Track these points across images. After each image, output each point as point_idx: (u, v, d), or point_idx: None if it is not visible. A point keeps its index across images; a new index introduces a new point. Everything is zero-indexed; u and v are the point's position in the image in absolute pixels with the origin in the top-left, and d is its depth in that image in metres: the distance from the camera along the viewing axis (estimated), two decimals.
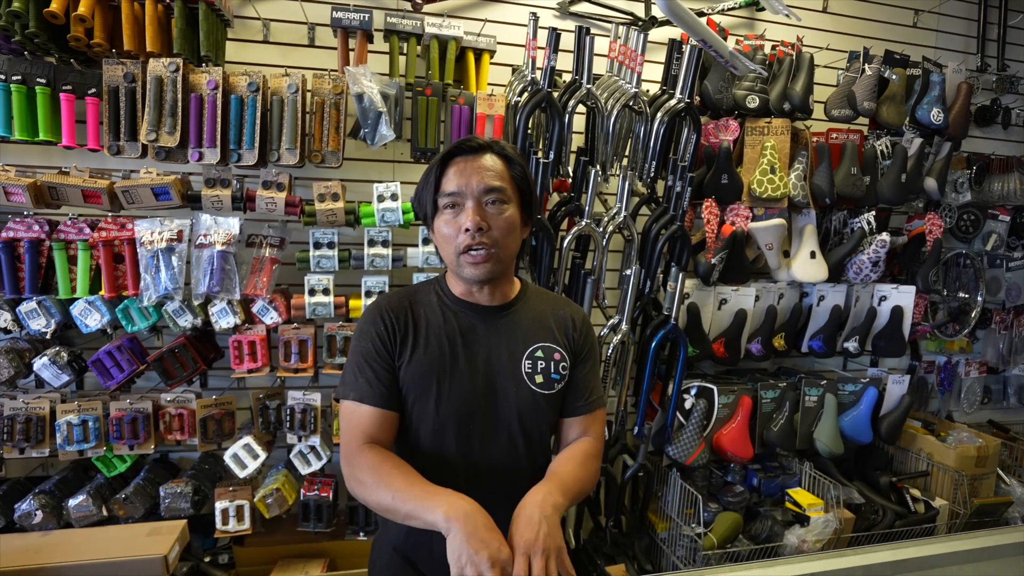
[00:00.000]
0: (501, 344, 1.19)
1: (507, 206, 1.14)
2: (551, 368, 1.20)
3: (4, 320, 1.79)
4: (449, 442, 1.16)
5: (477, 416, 1.16)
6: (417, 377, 1.15)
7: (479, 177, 1.11)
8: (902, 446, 2.73)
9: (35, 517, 1.83)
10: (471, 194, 1.11)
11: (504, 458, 1.18)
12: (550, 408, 1.21)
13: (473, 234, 1.09)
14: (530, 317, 1.23)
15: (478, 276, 1.13)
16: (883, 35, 2.71)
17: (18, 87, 1.73)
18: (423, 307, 1.20)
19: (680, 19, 1.05)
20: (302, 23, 2.11)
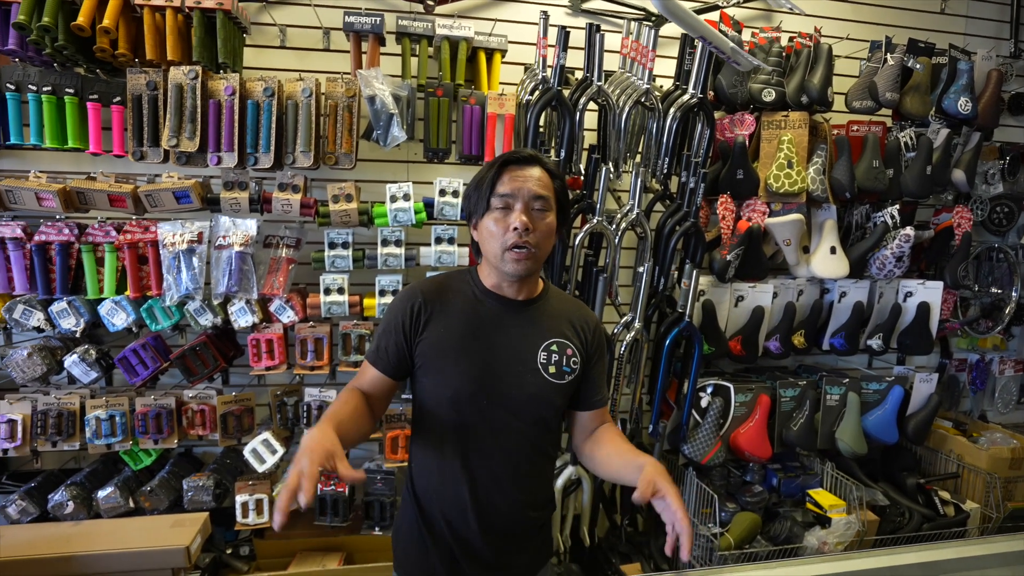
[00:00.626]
0: (522, 334, 1.31)
1: (549, 214, 1.27)
2: (563, 361, 1.32)
3: (37, 319, 1.87)
4: (463, 414, 1.28)
5: (491, 394, 1.27)
6: (434, 350, 1.28)
7: (530, 184, 1.24)
8: (931, 447, 2.65)
9: (67, 507, 1.91)
10: (522, 198, 1.24)
11: (510, 436, 1.30)
12: (558, 396, 1.32)
13: (521, 233, 1.22)
14: (550, 314, 1.35)
15: (518, 271, 1.25)
16: (908, 23, 2.63)
17: (48, 97, 1.82)
18: (455, 293, 1.34)
19: (677, 17, 1.04)
20: (317, 28, 2.16)
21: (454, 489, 1.30)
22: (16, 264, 1.85)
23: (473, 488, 1.29)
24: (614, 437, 1.37)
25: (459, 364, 1.28)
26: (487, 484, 1.30)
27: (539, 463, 1.38)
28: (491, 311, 1.32)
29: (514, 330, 1.31)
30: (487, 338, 1.29)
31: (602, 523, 2.44)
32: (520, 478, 1.33)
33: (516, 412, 1.30)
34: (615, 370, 2.15)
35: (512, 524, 1.34)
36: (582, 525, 2.33)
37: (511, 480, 1.32)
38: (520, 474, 1.33)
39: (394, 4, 2.20)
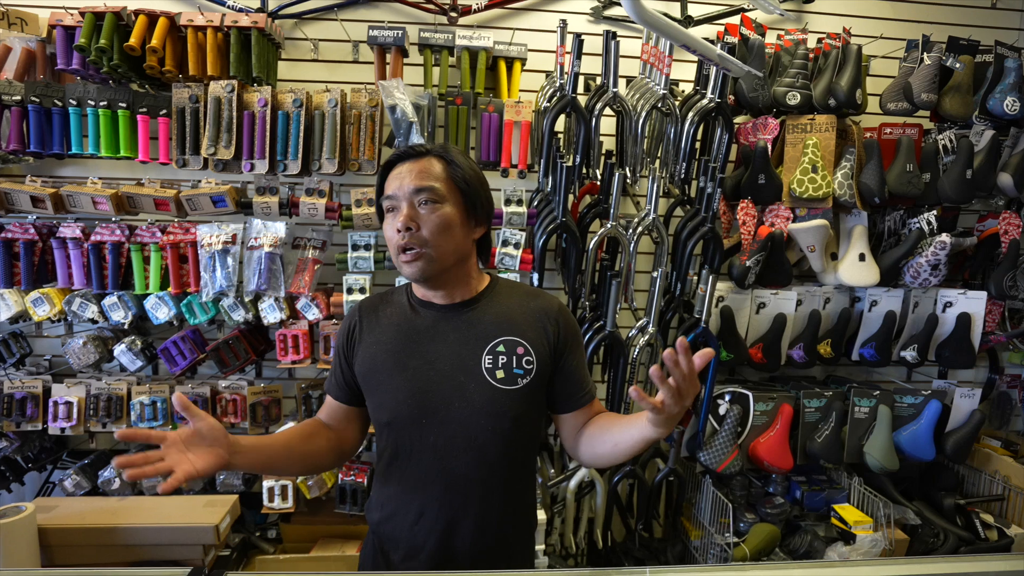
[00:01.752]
0: (459, 341, 1.19)
1: (440, 205, 1.15)
2: (513, 363, 1.17)
3: (92, 312, 2.07)
4: (405, 437, 1.18)
5: (431, 413, 1.16)
6: (370, 370, 1.20)
7: (410, 179, 1.14)
8: (974, 466, 2.51)
9: (114, 483, 2.10)
10: (403, 196, 1.14)
11: (461, 459, 1.17)
12: (516, 403, 1.17)
13: (404, 234, 1.12)
14: (494, 312, 1.22)
15: (412, 275, 1.16)
16: (950, 19, 2.51)
17: (104, 111, 2.01)
18: (391, 307, 1.26)
19: (654, 26, 1.06)
20: (346, 41, 2.28)
21: (408, 527, 1.19)
22: (75, 261, 2.05)
23: (428, 524, 1.18)
24: (607, 414, 1.25)
25: (392, 383, 1.18)
26: (443, 519, 1.17)
27: (503, 486, 1.21)
28: (425, 321, 1.21)
29: (452, 336, 1.19)
30: (422, 351, 1.18)
31: (619, 528, 2.45)
32: (482, 509, 1.18)
33: (464, 430, 1.16)
34: (628, 374, 2.16)
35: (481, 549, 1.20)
36: (595, 528, 2.34)
37: (471, 511, 1.18)
38: (480, 504, 1.18)
39: (419, 16, 2.29)
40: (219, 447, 1.04)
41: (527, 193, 2.20)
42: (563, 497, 2.27)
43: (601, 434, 1.20)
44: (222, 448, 1.04)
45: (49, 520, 1.85)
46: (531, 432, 1.26)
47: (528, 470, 1.29)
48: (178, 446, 1.01)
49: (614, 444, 1.16)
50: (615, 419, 1.20)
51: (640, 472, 2.29)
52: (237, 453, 1.07)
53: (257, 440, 1.13)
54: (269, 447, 1.15)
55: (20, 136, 1.99)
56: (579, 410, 1.26)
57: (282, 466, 1.18)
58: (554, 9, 2.38)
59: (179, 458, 1.00)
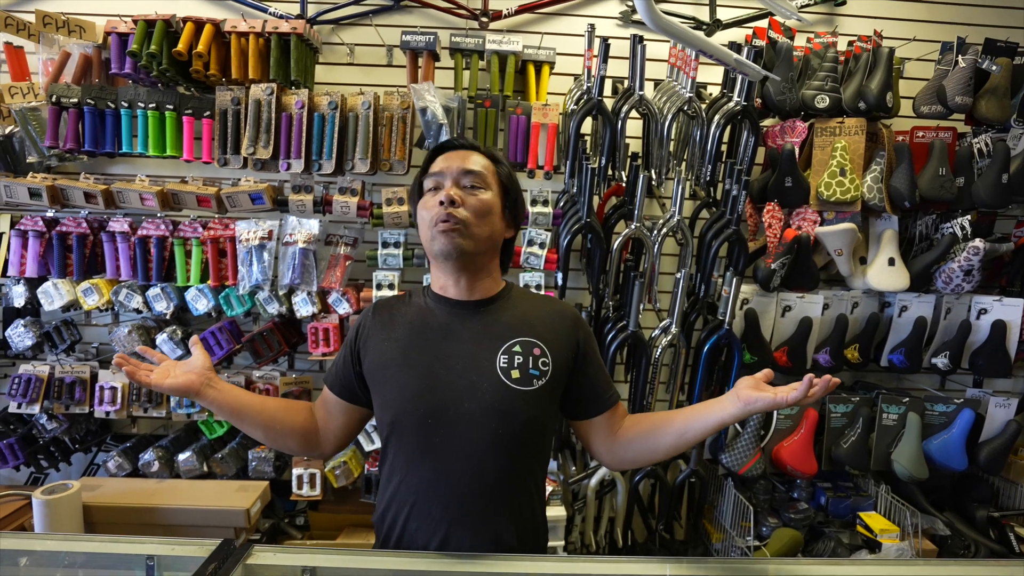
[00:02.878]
0: (474, 339, 1.16)
1: (484, 191, 1.17)
2: (529, 363, 1.15)
3: (137, 302, 2.18)
4: (409, 437, 1.15)
5: (441, 412, 1.12)
6: (377, 369, 1.19)
7: (460, 161, 1.18)
8: (1010, 478, 2.43)
9: (153, 466, 2.20)
10: (450, 174, 1.16)
11: (472, 459, 1.13)
12: (529, 405, 1.14)
13: (446, 205, 1.12)
14: (511, 313, 1.21)
15: (445, 246, 1.12)
16: (989, 21, 2.46)
17: (153, 113, 2.12)
18: (407, 306, 1.24)
19: (669, 32, 1.09)
20: (380, 45, 2.36)
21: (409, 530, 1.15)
22: (123, 254, 2.16)
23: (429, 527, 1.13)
24: (649, 414, 1.25)
25: (399, 379, 1.15)
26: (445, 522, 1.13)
27: (509, 491, 1.16)
28: (439, 318, 1.19)
29: (467, 335, 1.16)
30: (433, 348, 1.15)
31: (640, 527, 2.46)
32: (485, 515, 1.14)
33: (472, 431, 1.12)
34: (650, 374, 2.18)
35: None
36: (616, 527, 2.36)
37: (474, 516, 1.13)
38: (483, 509, 1.13)
39: (450, 21, 2.36)
40: (194, 374, 1.18)
41: (553, 194, 2.23)
42: (584, 495, 2.29)
43: (659, 428, 1.19)
44: (196, 376, 1.18)
45: (93, 498, 1.95)
46: (540, 438, 1.22)
47: (536, 477, 1.23)
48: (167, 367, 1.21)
49: (680, 434, 1.16)
50: (672, 413, 1.21)
51: (662, 472, 2.29)
52: (211, 386, 1.19)
53: (235, 388, 1.24)
54: (242, 396, 1.23)
55: (76, 136, 2.12)
56: (608, 411, 1.25)
57: (249, 421, 1.22)
58: (583, 14, 2.42)
59: (160, 372, 1.19)
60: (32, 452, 2.30)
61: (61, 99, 2.10)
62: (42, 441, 2.30)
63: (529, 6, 2.36)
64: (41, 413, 2.23)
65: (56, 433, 2.27)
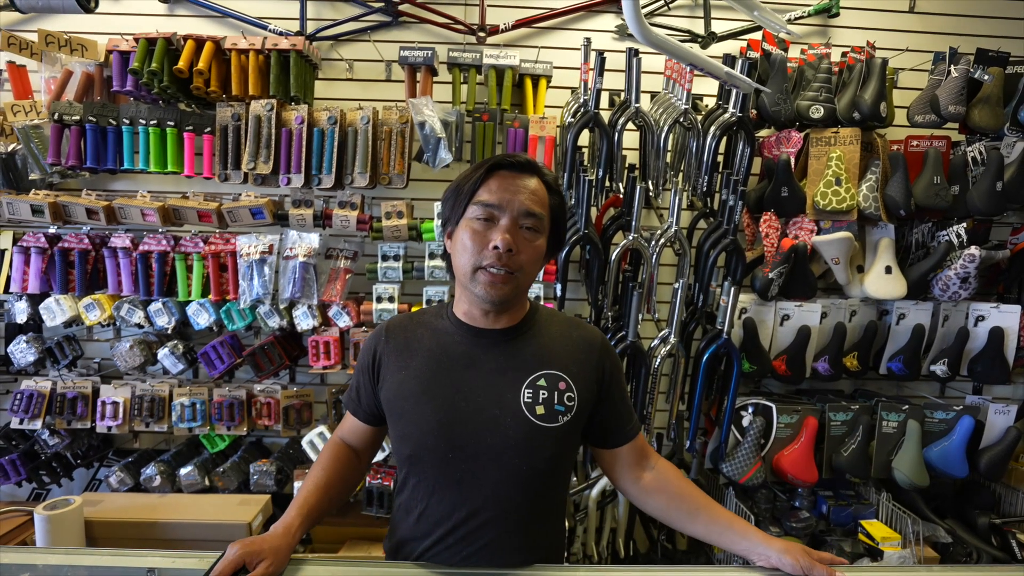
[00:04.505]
0: (497, 371, 1.10)
1: (539, 236, 1.09)
2: (554, 399, 1.09)
3: (139, 317, 2.19)
4: (429, 472, 1.10)
5: (464, 447, 1.08)
6: (396, 400, 1.12)
7: (524, 197, 1.06)
8: (1012, 485, 2.44)
9: (155, 481, 2.21)
10: (511, 212, 1.05)
11: (497, 493, 1.08)
12: (554, 442, 1.09)
13: (503, 254, 1.03)
14: (537, 343, 1.14)
15: (492, 297, 1.05)
16: (982, 32, 2.48)
17: (154, 129, 2.15)
18: (426, 329, 1.16)
19: (660, 46, 1.11)
20: (379, 61, 2.38)
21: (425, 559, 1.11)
22: (125, 270, 2.18)
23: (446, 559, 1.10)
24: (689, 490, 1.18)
25: (417, 412, 1.09)
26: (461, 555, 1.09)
27: (536, 525, 1.13)
28: (461, 346, 1.11)
29: (490, 366, 1.10)
30: (455, 379, 1.09)
31: (641, 537, 2.45)
32: (511, 548, 1.10)
33: (494, 468, 1.07)
34: (650, 385, 2.18)
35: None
36: (618, 537, 2.36)
37: (499, 549, 1.09)
38: (511, 543, 1.10)
39: (448, 36, 2.39)
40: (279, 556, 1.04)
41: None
42: (585, 506, 2.29)
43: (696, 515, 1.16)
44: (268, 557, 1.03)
45: (95, 513, 1.96)
46: (564, 470, 1.19)
47: (558, 510, 1.22)
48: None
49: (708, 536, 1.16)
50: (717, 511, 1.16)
51: None
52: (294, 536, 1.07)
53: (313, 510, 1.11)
54: (316, 510, 1.12)
55: (78, 153, 2.14)
56: (630, 443, 1.21)
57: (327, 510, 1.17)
58: (579, 27, 2.45)
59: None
60: (34, 468, 2.30)
61: (63, 116, 2.12)
62: (44, 457, 2.31)
63: (526, 21, 2.39)
64: (43, 429, 2.24)
65: (58, 448, 2.27)
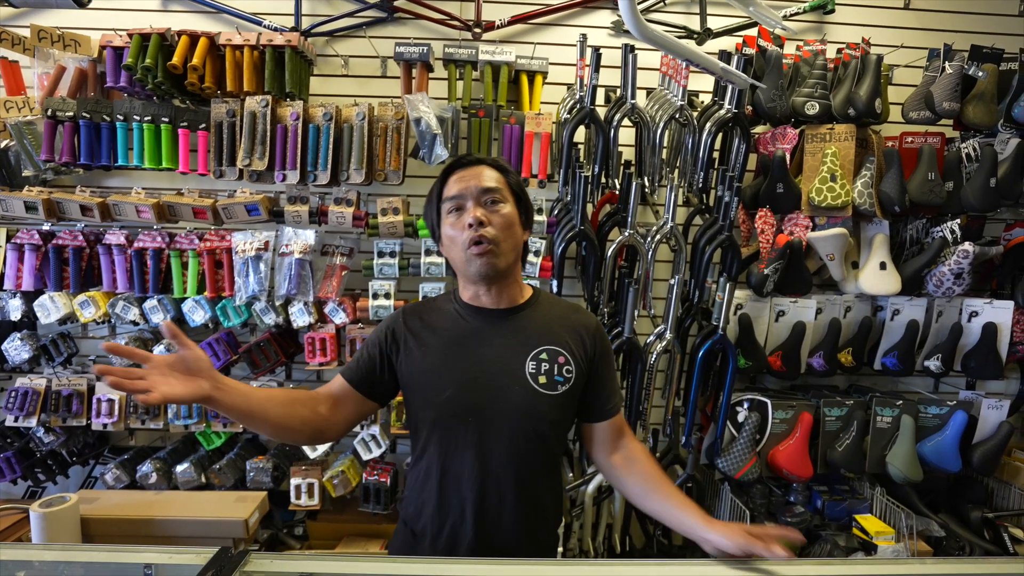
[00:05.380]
0: (506, 345, 1.26)
1: (503, 204, 1.24)
2: (555, 370, 1.25)
3: (134, 314, 2.19)
4: (455, 434, 1.25)
5: (476, 412, 1.23)
6: (420, 374, 1.26)
7: (477, 180, 1.23)
8: (1004, 479, 2.45)
9: (151, 478, 2.20)
10: (471, 195, 1.22)
11: (507, 451, 1.24)
12: (553, 408, 1.25)
13: (476, 227, 1.19)
14: (539, 321, 1.30)
15: (483, 268, 1.21)
16: (976, 28, 2.49)
17: (148, 126, 2.13)
18: (437, 312, 1.32)
19: (656, 42, 1.11)
20: (374, 57, 2.38)
21: (445, 519, 1.25)
22: (119, 267, 2.17)
23: (467, 513, 1.24)
24: (651, 469, 1.31)
25: (440, 384, 1.24)
26: (482, 509, 1.24)
27: (539, 481, 1.30)
28: (473, 325, 1.27)
29: (498, 340, 1.26)
30: (469, 354, 1.25)
31: (637, 532, 2.46)
32: (519, 500, 1.26)
33: (506, 429, 1.23)
34: (646, 380, 2.19)
35: (514, 544, 1.26)
36: (614, 533, 2.36)
37: (510, 501, 1.25)
38: (519, 496, 1.25)
39: (444, 32, 2.38)
40: (202, 378, 1.05)
41: (547, 202, 2.26)
42: (581, 501, 2.29)
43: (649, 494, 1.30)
44: (205, 379, 1.05)
45: (91, 511, 1.95)
46: (563, 436, 1.36)
47: (557, 470, 1.38)
48: (161, 369, 1.02)
49: (659, 514, 1.31)
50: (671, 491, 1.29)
51: None
52: (220, 389, 1.07)
53: (239, 385, 1.13)
54: (251, 394, 1.15)
55: (72, 149, 2.13)
56: (607, 421, 1.35)
57: (259, 418, 1.16)
58: (575, 24, 2.44)
59: (159, 380, 1.00)
60: (29, 465, 2.29)
61: (57, 113, 2.11)
62: (39, 454, 2.30)
63: (522, 17, 2.38)
64: (38, 426, 2.23)
65: (53, 446, 2.27)
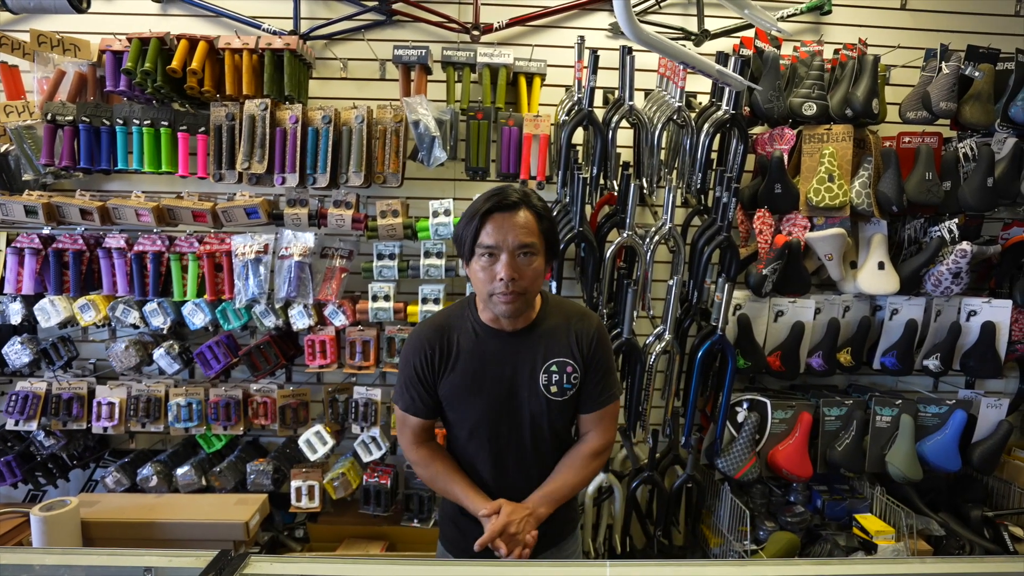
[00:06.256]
0: (522, 362, 1.42)
1: (536, 258, 1.33)
2: (563, 379, 1.42)
3: (134, 317, 2.19)
4: (482, 440, 1.44)
5: (503, 421, 1.43)
6: (453, 393, 1.43)
7: (514, 234, 1.29)
8: (1004, 478, 2.46)
9: (151, 481, 2.21)
10: (506, 248, 1.29)
11: (527, 451, 1.46)
12: (563, 410, 1.45)
13: (507, 284, 1.29)
14: (548, 335, 1.43)
15: (507, 314, 1.34)
16: (973, 28, 2.50)
17: (148, 129, 2.14)
18: (458, 333, 1.43)
19: (654, 46, 1.12)
20: (373, 60, 2.38)
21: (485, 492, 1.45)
22: (119, 270, 2.18)
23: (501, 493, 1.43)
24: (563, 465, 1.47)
25: (473, 403, 1.42)
26: (512, 491, 1.43)
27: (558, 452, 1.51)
28: (492, 347, 1.41)
29: (516, 359, 1.41)
30: (493, 375, 1.41)
31: (638, 533, 2.46)
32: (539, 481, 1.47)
33: (530, 431, 1.44)
34: (645, 381, 2.19)
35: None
36: (615, 533, 2.37)
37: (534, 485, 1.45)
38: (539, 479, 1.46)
39: (442, 35, 2.39)
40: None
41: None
42: (582, 502, 2.29)
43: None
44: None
45: (91, 514, 1.95)
46: (571, 423, 1.54)
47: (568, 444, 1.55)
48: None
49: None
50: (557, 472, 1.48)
51: (659, 478, 2.30)
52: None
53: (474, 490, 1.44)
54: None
55: (72, 153, 2.13)
56: (587, 415, 1.49)
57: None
58: (573, 26, 2.45)
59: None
60: (30, 469, 2.30)
61: (56, 117, 2.11)
62: (40, 458, 2.30)
63: (520, 19, 2.39)
64: (39, 430, 2.23)
65: (54, 450, 2.27)
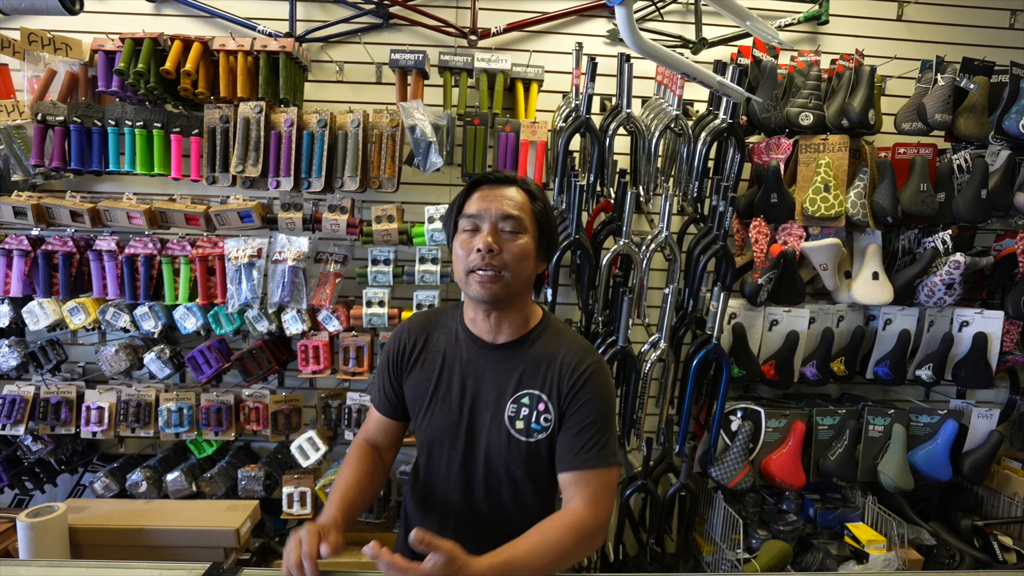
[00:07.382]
0: (491, 381, 1.22)
1: (522, 236, 1.18)
2: (532, 417, 1.19)
3: (124, 321, 2.16)
4: (436, 459, 1.26)
5: (456, 443, 1.23)
6: (413, 395, 1.28)
7: (499, 204, 1.16)
8: (994, 488, 2.48)
9: (141, 487, 2.18)
10: (489, 218, 1.16)
11: (482, 490, 1.23)
12: (530, 455, 1.20)
13: (484, 255, 1.13)
14: (531, 359, 1.22)
15: (483, 296, 1.16)
16: (968, 40, 2.52)
17: (140, 131, 2.11)
18: (440, 331, 1.29)
19: (653, 55, 1.11)
20: (369, 64, 2.36)
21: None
22: (110, 273, 2.15)
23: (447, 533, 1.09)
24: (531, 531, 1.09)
25: (432, 410, 1.24)
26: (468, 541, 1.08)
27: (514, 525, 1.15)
28: (466, 354, 1.24)
29: (485, 375, 1.23)
30: (458, 386, 1.23)
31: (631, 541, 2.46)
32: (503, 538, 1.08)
33: (485, 465, 1.21)
34: (640, 389, 2.19)
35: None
36: (607, 542, 2.36)
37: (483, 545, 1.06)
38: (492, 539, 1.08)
39: (439, 39, 2.37)
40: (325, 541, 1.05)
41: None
42: None
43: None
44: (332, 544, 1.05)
45: (79, 520, 1.93)
46: (543, 481, 1.25)
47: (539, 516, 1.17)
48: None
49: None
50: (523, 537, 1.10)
51: (652, 486, 2.30)
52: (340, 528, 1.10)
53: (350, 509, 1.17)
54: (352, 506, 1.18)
55: (62, 154, 2.10)
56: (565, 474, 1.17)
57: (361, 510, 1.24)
58: (571, 32, 2.44)
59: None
60: (17, 474, 2.26)
61: (47, 117, 2.08)
62: (27, 463, 2.27)
63: (517, 24, 2.38)
64: (26, 434, 2.20)
65: (41, 454, 2.24)
